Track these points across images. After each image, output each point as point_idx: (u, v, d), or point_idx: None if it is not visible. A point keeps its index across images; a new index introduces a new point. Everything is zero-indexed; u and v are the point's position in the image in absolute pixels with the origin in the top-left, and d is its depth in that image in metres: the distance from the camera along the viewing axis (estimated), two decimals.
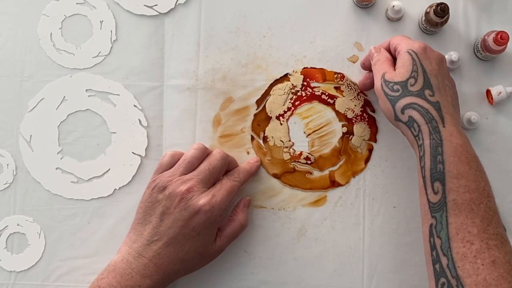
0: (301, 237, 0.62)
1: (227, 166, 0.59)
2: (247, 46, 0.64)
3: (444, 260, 0.46)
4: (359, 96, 0.63)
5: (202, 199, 0.54)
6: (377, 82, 0.54)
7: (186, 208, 0.54)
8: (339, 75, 0.63)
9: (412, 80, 0.52)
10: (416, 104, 0.51)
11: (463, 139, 0.50)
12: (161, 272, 0.54)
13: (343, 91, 0.63)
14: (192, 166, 0.57)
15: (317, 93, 0.63)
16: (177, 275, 0.56)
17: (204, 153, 0.58)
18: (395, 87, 0.52)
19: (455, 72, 0.62)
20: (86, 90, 0.63)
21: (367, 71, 0.61)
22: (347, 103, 0.63)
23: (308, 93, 0.63)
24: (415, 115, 0.51)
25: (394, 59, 0.57)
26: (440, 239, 0.47)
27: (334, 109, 0.63)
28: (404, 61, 0.53)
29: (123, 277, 0.53)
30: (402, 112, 0.52)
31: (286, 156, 0.62)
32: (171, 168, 0.58)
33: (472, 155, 0.49)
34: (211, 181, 0.57)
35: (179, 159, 0.58)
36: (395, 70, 0.54)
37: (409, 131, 0.52)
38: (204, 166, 0.57)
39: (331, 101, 0.63)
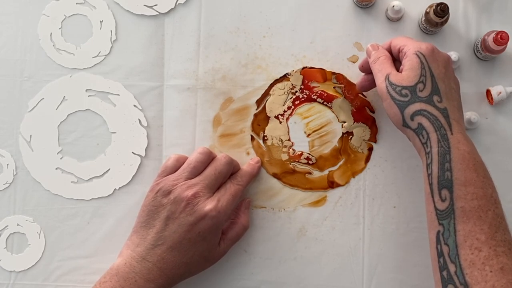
0: (301, 237, 0.62)
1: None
2: (247, 46, 0.64)
3: (451, 267, 0.46)
4: (354, 103, 0.63)
5: (209, 205, 0.54)
6: (381, 83, 0.53)
7: (192, 213, 0.54)
8: (336, 76, 0.63)
9: (420, 85, 0.51)
10: (425, 111, 0.50)
11: (470, 146, 0.49)
12: (165, 276, 0.54)
13: (339, 95, 0.63)
14: (197, 171, 0.57)
15: (316, 93, 0.63)
16: (181, 279, 0.56)
17: (209, 158, 0.58)
18: (403, 91, 0.51)
19: (455, 72, 0.62)
20: (86, 90, 0.63)
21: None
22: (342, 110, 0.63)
23: (308, 93, 0.63)
24: (425, 122, 0.50)
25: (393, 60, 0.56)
26: (447, 246, 0.46)
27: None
28: (412, 63, 0.51)
29: (126, 281, 0.53)
30: (412, 118, 0.50)
31: (285, 157, 0.62)
32: (175, 171, 0.57)
33: (479, 162, 0.49)
34: (216, 186, 0.57)
35: (183, 163, 0.57)
36: (399, 71, 0.53)
37: (417, 138, 0.51)
38: (210, 171, 0.57)
39: (329, 105, 0.62)
